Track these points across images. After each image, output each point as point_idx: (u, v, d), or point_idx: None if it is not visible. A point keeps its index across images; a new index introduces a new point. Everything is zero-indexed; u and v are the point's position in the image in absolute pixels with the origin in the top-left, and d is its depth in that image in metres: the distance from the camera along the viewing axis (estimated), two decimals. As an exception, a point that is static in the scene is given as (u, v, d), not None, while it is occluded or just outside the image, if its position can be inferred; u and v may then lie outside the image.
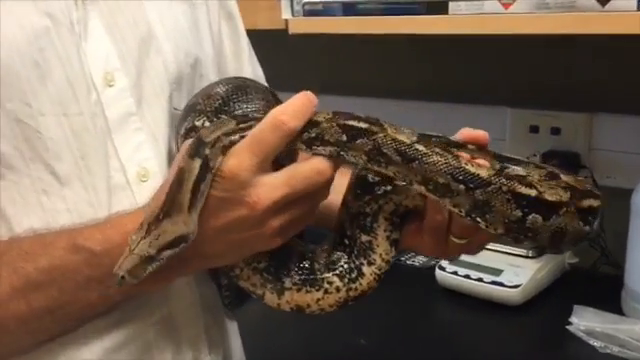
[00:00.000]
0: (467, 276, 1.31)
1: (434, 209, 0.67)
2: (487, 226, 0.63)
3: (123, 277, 0.57)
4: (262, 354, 0.98)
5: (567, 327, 1.18)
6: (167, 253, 0.58)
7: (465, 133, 0.68)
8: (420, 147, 0.63)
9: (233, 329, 0.88)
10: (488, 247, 1.34)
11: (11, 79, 0.62)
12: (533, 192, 0.62)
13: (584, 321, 1.18)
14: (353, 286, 0.72)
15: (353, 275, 0.72)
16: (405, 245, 0.74)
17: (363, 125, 0.64)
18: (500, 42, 1.39)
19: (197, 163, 0.59)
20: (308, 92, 0.63)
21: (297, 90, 0.64)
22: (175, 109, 0.75)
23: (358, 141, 0.63)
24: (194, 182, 0.59)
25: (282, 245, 0.68)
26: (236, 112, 0.71)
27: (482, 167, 0.63)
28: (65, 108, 0.65)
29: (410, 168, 0.63)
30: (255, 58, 0.91)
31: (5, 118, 0.62)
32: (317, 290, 0.71)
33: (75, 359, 0.66)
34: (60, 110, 0.64)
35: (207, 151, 0.59)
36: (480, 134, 0.68)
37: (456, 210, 0.63)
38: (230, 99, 0.71)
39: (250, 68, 0.89)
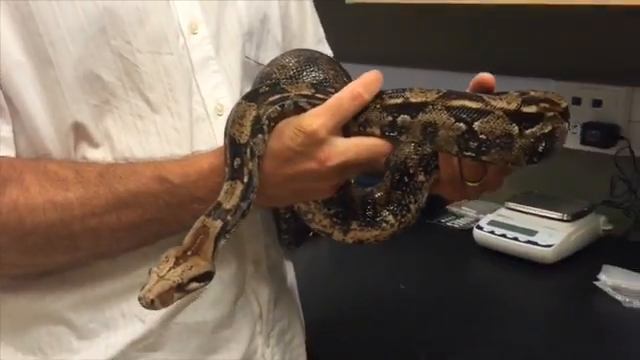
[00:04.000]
0: (503, 235, 1.40)
1: (445, 164, 0.78)
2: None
3: (153, 301, 0.62)
4: (312, 295, 1.08)
5: (595, 283, 1.25)
6: (194, 285, 0.64)
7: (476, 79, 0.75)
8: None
9: (289, 265, 1.00)
10: (525, 210, 1.46)
11: (116, 21, 0.74)
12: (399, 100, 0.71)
13: (611, 278, 1.25)
14: (403, 220, 0.84)
15: (404, 212, 0.84)
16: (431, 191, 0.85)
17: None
18: (547, 15, 1.47)
19: (219, 225, 0.67)
20: (377, 71, 0.73)
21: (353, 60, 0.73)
22: (247, 57, 0.87)
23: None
24: (215, 238, 0.67)
25: (345, 192, 0.80)
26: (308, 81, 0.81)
27: None
28: (159, 47, 0.77)
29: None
30: (317, 19, 1.02)
31: (110, 53, 0.75)
32: (376, 229, 0.84)
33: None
34: (155, 49, 0.77)
35: (229, 217, 0.68)
36: (486, 76, 0.74)
37: None
38: (303, 69, 0.81)
39: (312, 28, 1.00)
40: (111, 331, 0.79)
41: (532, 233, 1.38)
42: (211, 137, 0.81)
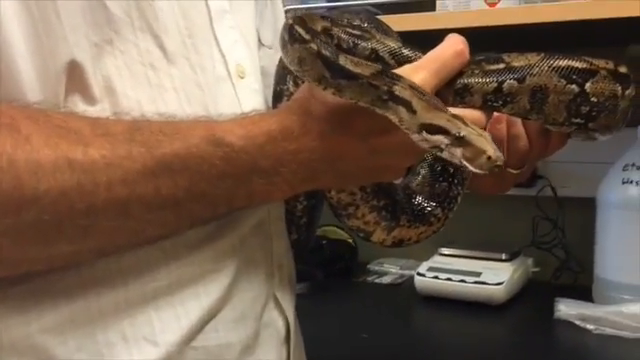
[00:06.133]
0: (449, 279, 1.32)
1: None
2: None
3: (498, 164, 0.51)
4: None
5: (556, 314, 1.20)
6: None
7: None
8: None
9: None
10: (461, 254, 1.40)
11: None
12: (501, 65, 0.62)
13: (573, 309, 1.20)
14: (449, 215, 0.74)
15: (451, 205, 0.74)
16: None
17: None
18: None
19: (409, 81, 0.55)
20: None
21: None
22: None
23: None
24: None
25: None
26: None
27: None
28: None
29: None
30: None
31: None
32: (424, 225, 0.72)
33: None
34: None
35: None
36: None
37: None
38: (377, 28, 0.70)
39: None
40: None
41: (477, 274, 1.32)
42: (235, 102, 0.65)
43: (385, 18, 1.21)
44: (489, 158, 0.50)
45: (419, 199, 0.73)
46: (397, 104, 0.54)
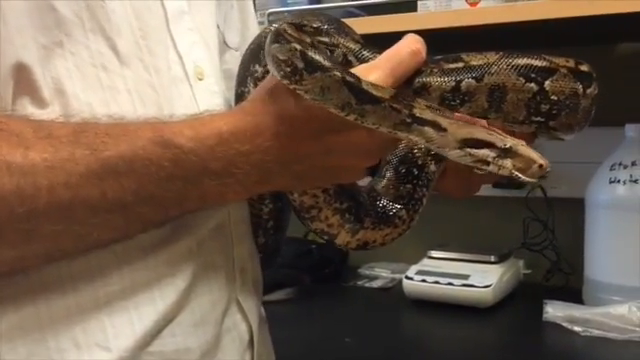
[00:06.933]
0: (436, 282, 1.30)
1: None
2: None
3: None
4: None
5: (544, 316, 1.18)
6: None
7: None
8: None
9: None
10: (450, 257, 1.38)
11: None
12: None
13: (560, 311, 1.19)
14: (414, 217, 0.73)
15: (417, 207, 0.72)
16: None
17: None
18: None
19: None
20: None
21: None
22: (217, 26, 0.72)
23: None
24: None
25: (354, 183, 0.68)
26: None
27: None
28: None
29: None
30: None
31: None
32: (389, 227, 0.71)
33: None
34: None
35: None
36: None
37: None
38: (338, 29, 0.68)
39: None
40: None
41: (465, 277, 1.30)
42: (193, 104, 0.64)
43: (367, 19, 1.22)
44: (540, 166, 0.51)
45: (383, 201, 0.71)
46: (422, 125, 0.54)
